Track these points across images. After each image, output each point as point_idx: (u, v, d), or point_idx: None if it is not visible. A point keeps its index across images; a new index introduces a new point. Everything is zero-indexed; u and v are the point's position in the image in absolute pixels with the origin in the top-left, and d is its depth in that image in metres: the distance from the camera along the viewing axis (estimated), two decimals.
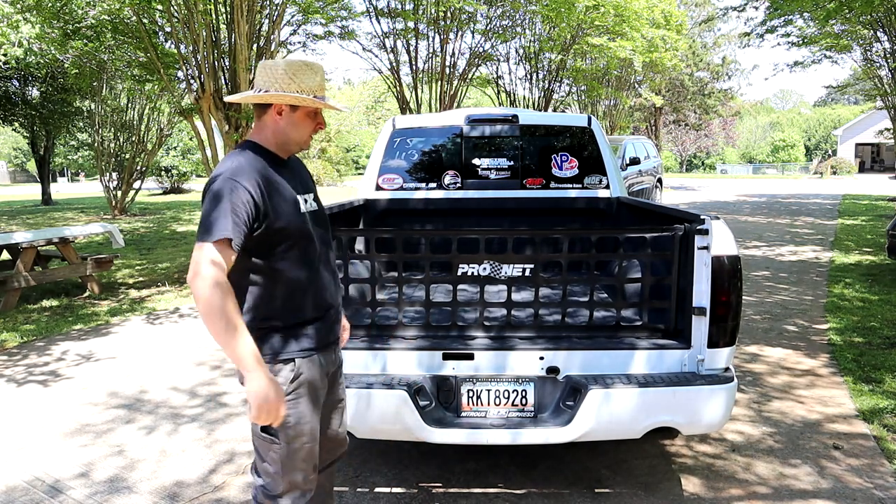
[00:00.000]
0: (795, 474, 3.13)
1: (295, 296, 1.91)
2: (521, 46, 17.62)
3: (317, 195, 2.11)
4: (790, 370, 4.60)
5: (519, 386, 2.70)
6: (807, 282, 7.59)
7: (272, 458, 1.94)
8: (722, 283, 2.56)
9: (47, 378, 4.77)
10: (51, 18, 8.76)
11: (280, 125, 1.93)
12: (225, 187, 1.78)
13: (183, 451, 3.53)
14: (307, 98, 1.88)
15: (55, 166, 34.40)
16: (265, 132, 1.95)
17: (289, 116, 1.92)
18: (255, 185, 1.80)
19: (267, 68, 1.90)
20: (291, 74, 1.87)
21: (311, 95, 1.89)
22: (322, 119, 1.97)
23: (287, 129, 1.93)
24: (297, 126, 1.94)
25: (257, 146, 1.93)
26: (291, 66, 1.89)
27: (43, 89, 18.95)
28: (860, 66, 20.14)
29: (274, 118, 1.92)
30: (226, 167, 1.83)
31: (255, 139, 1.96)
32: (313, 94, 1.90)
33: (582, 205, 4.57)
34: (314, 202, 2.06)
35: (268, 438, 1.92)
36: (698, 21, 30.83)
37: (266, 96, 1.88)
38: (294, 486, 1.96)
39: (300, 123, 1.93)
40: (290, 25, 10.53)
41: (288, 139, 1.95)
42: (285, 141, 1.95)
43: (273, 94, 1.87)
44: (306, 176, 2.10)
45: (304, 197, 1.99)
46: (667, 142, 44.67)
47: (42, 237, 7.18)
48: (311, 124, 1.96)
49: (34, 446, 3.63)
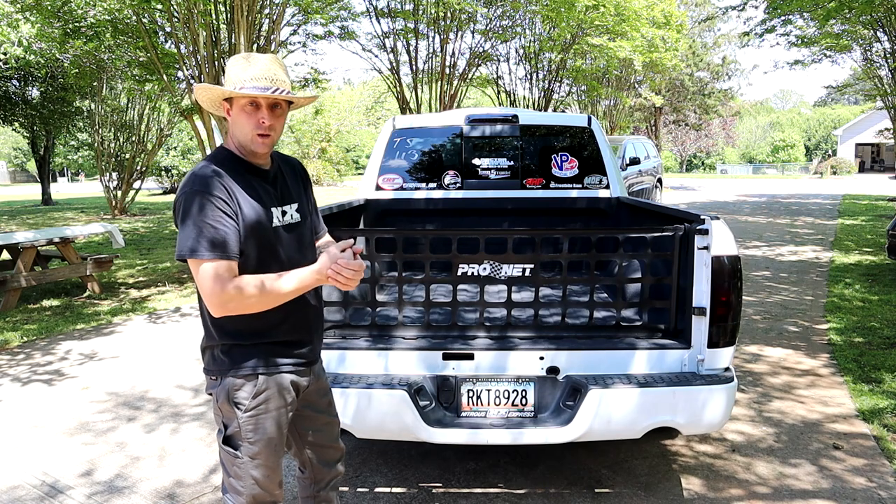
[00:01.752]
0: (795, 474, 3.13)
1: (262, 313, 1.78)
2: (521, 46, 17.62)
3: (302, 201, 1.97)
4: (790, 370, 4.60)
5: (519, 386, 2.70)
6: (807, 282, 7.59)
7: (235, 473, 1.89)
8: (722, 283, 2.56)
9: (51, 377, 4.77)
10: (50, 18, 8.76)
11: (233, 125, 1.82)
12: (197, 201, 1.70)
13: (183, 450, 3.53)
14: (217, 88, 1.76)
15: (55, 166, 34.41)
16: (231, 137, 1.86)
17: (233, 117, 1.80)
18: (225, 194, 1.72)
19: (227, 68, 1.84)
20: (228, 71, 1.79)
21: (238, 87, 1.74)
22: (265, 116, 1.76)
23: (233, 129, 1.82)
24: (237, 124, 1.80)
25: (227, 152, 1.85)
26: (231, 63, 1.80)
27: (43, 89, 18.96)
28: (860, 66, 20.14)
29: (231, 121, 1.83)
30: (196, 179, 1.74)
31: (227, 145, 1.87)
32: (243, 86, 1.74)
33: (582, 205, 4.57)
34: (297, 213, 1.92)
35: (231, 452, 1.88)
36: (698, 21, 30.83)
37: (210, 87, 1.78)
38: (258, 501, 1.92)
39: (237, 120, 1.79)
40: (290, 25, 10.54)
41: (241, 136, 1.80)
42: (241, 141, 1.81)
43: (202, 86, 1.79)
44: (295, 185, 1.97)
45: (284, 209, 1.88)
46: (667, 142, 44.67)
47: (42, 237, 7.18)
48: (250, 121, 1.77)
49: (35, 445, 3.63)
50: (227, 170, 1.78)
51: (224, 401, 1.86)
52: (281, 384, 1.89)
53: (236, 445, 1.87)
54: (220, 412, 1.90)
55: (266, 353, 1.86)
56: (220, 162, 1.80)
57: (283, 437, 1.95)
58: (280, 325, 1.86)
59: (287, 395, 1.91)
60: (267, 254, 1.81)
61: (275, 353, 1.87)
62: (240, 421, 1.85)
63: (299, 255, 1.90)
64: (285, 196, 1.91)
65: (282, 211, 1.87)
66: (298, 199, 1.96)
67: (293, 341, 1.92)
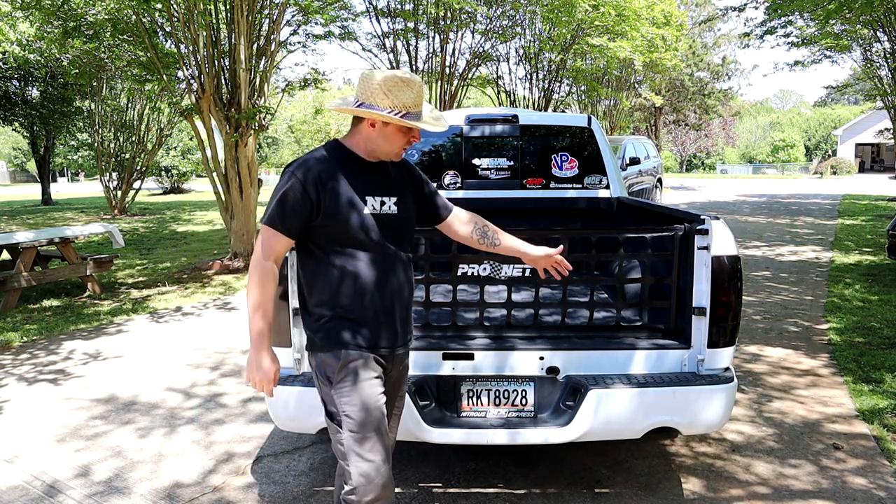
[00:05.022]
0: (795, 474, 3.13)
1: (349, 292, 1.97)
2: (521, 46, 17.60)
3: (403, 195, 2.10)
4: (790, 370, 4.60)
5: (519, 386, 2.70)
6: (807, 282, 7.59)
7: (340, 451, 1.98)
8: (722, 283, 2.56)
9: (53, 377, 4.76)
10: (50, 17, 8.76)
11: (372, 136, 1.99)
12: (283, 178, 1.95)
13: (182, 451, 3.53)
14: (394, 118, 1.92)
15: (55, 166, 34.40)
16: (356, 138, 2.02)
17: (381, 130, 1.97)
18: (314, 180, 1.91)
19: (364, 80, 1.96)
20: (386, 90, 1.92)
21: (403, 112, 1.93)
22: (417, 133, 2.01)
23: (378, 140, 1.99)
24: (389, 139, 1.99)
25: (340, 146, 2.03)
26: (387, 82, 1.93)
27: (43, 89, 18.94)
28: (860, 66, 20.14)
29: (367, 129, 1.99)
30: (298, 161, 1.98)
31: (343, 140, 2.05)
32: (406, 111, 1.94)
33: (582, 205, 4.57)
34: (396, 205, 2.05)
35: (333, 426, 2.00)
36: (698, 21, 30.83)
37: (358, 111, 1.95)
38: (366, 478, 1.92)
39: (392, 137, 1.98)
40: (289, 25, 10.51)
41: (377, 150, 2.01)
42: (374, 150, 2.01)
43: (364, 109, 1.94)
44: (401, 179, 2.12)
45: (382, 199, 2.02)
46: (667, 142, 44.68)
47: (42, 237, 7.18)
48: (404, 138, 2.00)
49: (35, 445, 3.63)
50: (333, 158, 1.99)
51: (316, 376, 2.05)
52: (366, 360, 1.99)
53: (338, 421, 1.98)
54: (318, 388, 2.06)
55: (346, 329, 1.98)
56: (328, 150, 2.02)
57: (382, 410, 2.01)
58: (360, 304, 1.99)
59: (373, 370, 2.01)
60: (354, 234, 1.96)
61: (353, 330, 1.99)
62: (333, 395, 1.99)
63: (389, 243, 2.02)
64: (385, 188, 2.05)
65: (380, 201, 2.01)
66: (400, 193, 2.08)
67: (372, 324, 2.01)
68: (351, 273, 1.96)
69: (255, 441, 3.62)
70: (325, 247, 1.97)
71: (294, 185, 1.91)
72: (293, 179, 1.92)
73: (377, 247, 1.99)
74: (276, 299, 2.61)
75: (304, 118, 36.37)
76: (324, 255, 1.97)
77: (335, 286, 1.97)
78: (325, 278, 1.98)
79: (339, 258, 1.97)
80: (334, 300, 1.98)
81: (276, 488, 3.09)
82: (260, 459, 3.40)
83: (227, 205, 9.22)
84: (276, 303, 2.61)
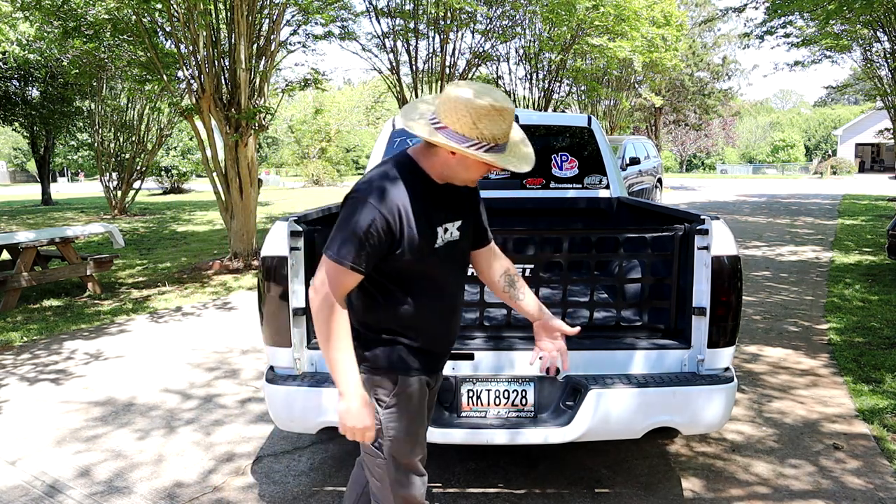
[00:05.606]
0: (795, 474, 3.13)
1: (408, 320, 1.85)
2: (521, 46, 17.60)
3: (467, 219, 1.95)
4: (790, 370, 4.60)
5: (519, 386, 2.70)
6: (807, 282, 7.59)
7: (378, 474, 1.91)
8: (722, 284, 2.56)
9: (53, 377, 4.76)
10: (50, 17, 8.75)
11: (451, 163, 1.77)
12: (359, 207, 1.71)
13: (178, 453, 3.53)
14: (478, 154, 1.68)
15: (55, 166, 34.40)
16: (432, 160, 1.80)
17: (462, 159, 1.74)
18: (396, 213, 1.71)
19: (450, 101, 1.68)
20: (476, 119, 1.66)
21: (489, 146, 1.69)
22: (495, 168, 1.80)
23: (457, 168, 1.78)
24: (469, 169, 1.77)
25: (415, 167, 1.81)
26: (478, 111, 1.65)
27: (43, 89, 18.95)
28: (860, 66, 20.14)
29: (447, 155, 1.76)
30: (373, 186, 1.74)
31: (417, 159, 1.82)
32: (495, 142, 1.69)
33: (582, 205, 4.57)
34: (458, 230, 1.91)
35: (373, 452, 1.90)
36: (698, 22, 30.83)
37: (438, 142, 1.70)
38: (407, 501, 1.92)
39: (472, 167, 1.77)
40: (289, 25, 10.51)
41: (454, 176, 1.81)
42: (450, 176, 1.81)
43: (445, 140, 1.68)
44: (462, 198, 1.93)
45: (447, 226, 1.86)
46: (667, 142, 44.67)
47: (42, 237, 7.18)
48: (486, 168, 1.77)
49: (35, 445, 3.63)
50: (408, 183, 1.77)
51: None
52: (420, 384, 1.91)
53: (378, 443, 1.89)
54: None
55: (406, 354, 1.87)
56: (405, 174, 1.78)
57: (425, 436, 1.98)
58: (423, 332, 1.89)
59: (423, 396, 1.93)
60: (421, 266, 1.82)
61: (413, 355, 1.89)
62: (381, 417, 1.87)
63: (450, 269, 1.92)
64: (453, 212, 1.89)
65: (444, 228, 1.86)
66: (463, 216, 1.94)
67: (431, 350, 1.94)
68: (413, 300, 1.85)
69: (255, 441, 3.62)
70: (388, 272, 1.81)
71: (377, 220, 1.69)
72: (375, 213, 1.69)
73: (440, 274, 1.88)
74: (278, 300, 2.62)
75: (304, 118, 36.38)
76: (385, 279, 1.82)
77: (394, 309, 1.84)
78: (387, 300, 1.84)
79: (402, 283, 1.83)
80: (393, 322, 1.85)
81: (276, 488, 3.09)
82: (260, 459, 3.40)
83: (227, 205, 9.22)
84: (279, 304, 2.62)
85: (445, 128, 1.69)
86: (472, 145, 1.67)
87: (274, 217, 14.73)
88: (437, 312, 1.90)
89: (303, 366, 2.71)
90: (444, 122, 1.69)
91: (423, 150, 1.83)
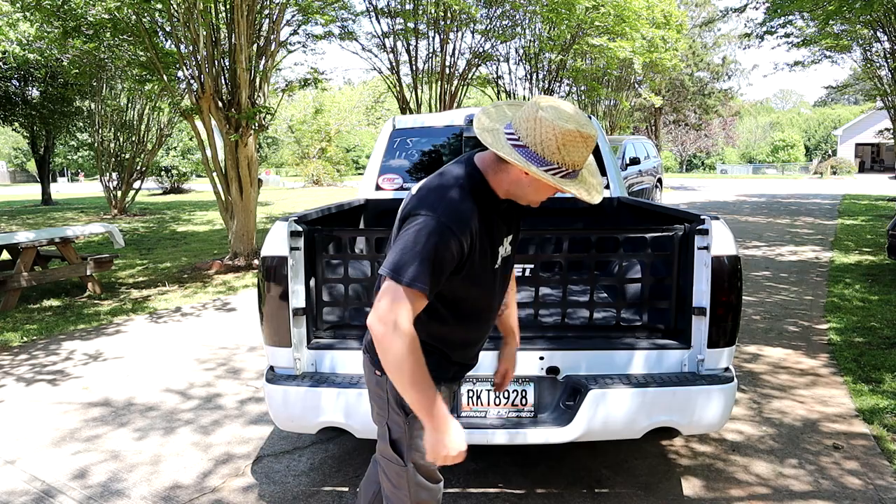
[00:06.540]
0: (795, 474, 3.12)
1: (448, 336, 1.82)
2: (521, 46, 17.61)
3: (516, 232, 1.91)
4: (790, 370, 4.60)
5: (519, 386, 2.70)
6: (807, 282, 7.59)
7: (398, 482, 1.89)
8: (722, 284, 2.55)
9: (52, 377, 4.76)
10: (50, 17, 8.76)
11: (522, 183, 1.69)
12: (441, 234, 1.58)
13: (177, 454, 3.53)
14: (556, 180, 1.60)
15: (55, 166, 34.41)
16: (501, 177, 1.71)
17: (535, 181, 1.66)
18: (469, 237, 1.63)
19: (534, 121, 1.59)
20: (561, 145, 1.57)
21: (567, 171, 1.61)
22: None
23: (527, 189, 1.70)
24: (539, 191, 1.70)
25: (485, 186, 1.71)
26: (566, 136, 1.57)
27: (43, 89, 18.94)
28: (860, 66, 20.15)
29: (520, 175, 1.67)
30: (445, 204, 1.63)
31: (489, 177, 1.72)
32: (573, 168, 1.62)
33: (582, 204, 4.56)
34: (510, 244, 1.87)
35: (394, 458, 1.86)
36: (698, 22, 30.84)
37: (516, 163, 1.60)
38: None
39: (542, 190, 1.69)
40: (289, 25, 10.51)
41: (521, 195, 1.73)
42: (517, 195, 1.73)
43: (524, 162, 1.59)
44: (514, 216, 1.87)
45: (503, 245, 1.81)
46: (667, 142, 44.68)
47: (42, 237, 7.17)
48: (553, 191, 1.71)
49: (31, 447, 3.62)
50: (478, 205, 1.68)
51: (394, 401, 1.82)
52: (446, 392, 1.88)
53: (400, 451, 1.85)
54: (385, 413, 1.86)
55: (438, 365, 1.80)
56: (477, 195, 1.69)
57: None
58: (460, 347, 1.87)
59: (449, 404, 1.89)
60: (477, 291, 1.78)
61: (446, 366, 1.86)
62: (406, 426, 1.82)
63: (498, 296, 1.89)
64: (507, 228, 1.85)
65: (502, 249, 1.81)
66: (513, 230, 1.90)
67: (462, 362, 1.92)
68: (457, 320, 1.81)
69: (254, 442, 3.62)
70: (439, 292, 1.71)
71: (453, 244, 1.59)
72: (452, 238, 1.59)
73: (487, 294, 1.84)
74: (278, 300, 2.62)
75: (304, 118, 36.35)
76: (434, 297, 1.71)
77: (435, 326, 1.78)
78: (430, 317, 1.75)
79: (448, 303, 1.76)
80: (432, 337, 1.77)
81: (276, 488, 3.09)
82: (259, 460, 3.40)
83: (227, 205, 9.22)
84: (279, 304, 2.62)
85: (525, 147, 1.60)
86: (551, 170, 1.59)
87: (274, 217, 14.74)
88: (477, 332, 1.89)
89: (303, 366, 2.71)
90: (525, 140, 1.60)
91: (492, 163, 1.72)
